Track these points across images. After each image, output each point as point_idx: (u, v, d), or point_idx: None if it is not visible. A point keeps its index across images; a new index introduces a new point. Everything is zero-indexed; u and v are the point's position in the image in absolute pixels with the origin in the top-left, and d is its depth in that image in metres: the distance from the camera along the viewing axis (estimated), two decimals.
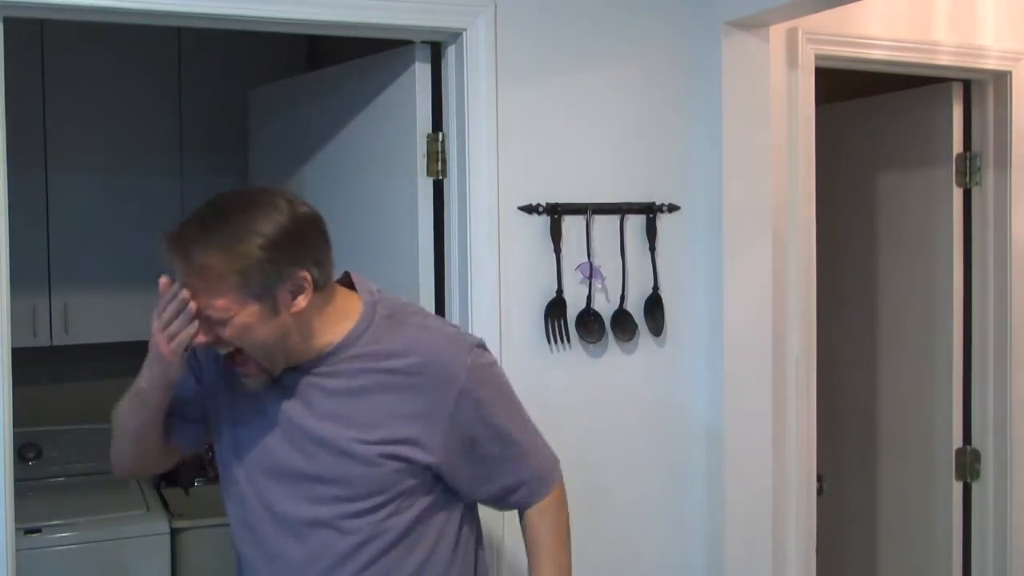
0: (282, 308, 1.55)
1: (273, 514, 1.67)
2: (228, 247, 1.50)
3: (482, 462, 1.70)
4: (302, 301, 1.57)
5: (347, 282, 1.73)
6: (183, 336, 1.54)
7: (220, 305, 1.52)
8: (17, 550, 2.13)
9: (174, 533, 3.19)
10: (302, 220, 1.57)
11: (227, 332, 1.54)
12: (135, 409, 1.68)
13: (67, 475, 3.54)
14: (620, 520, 2.48)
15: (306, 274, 1.56)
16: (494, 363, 1.77)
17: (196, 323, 1.54)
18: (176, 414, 1.76)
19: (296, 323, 1.58)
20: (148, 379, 1.62)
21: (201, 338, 1.56)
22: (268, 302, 1.53)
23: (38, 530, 3.04)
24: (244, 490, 1.71)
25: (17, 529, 2.14)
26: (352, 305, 1.67)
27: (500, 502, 1.79)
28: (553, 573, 1.77)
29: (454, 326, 1.89)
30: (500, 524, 2.23)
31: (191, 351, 1.65)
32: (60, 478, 3.53)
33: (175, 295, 1.53)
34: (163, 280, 1.54)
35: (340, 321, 1.64)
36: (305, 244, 1.57)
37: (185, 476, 3.61)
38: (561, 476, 1.83)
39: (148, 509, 3.25)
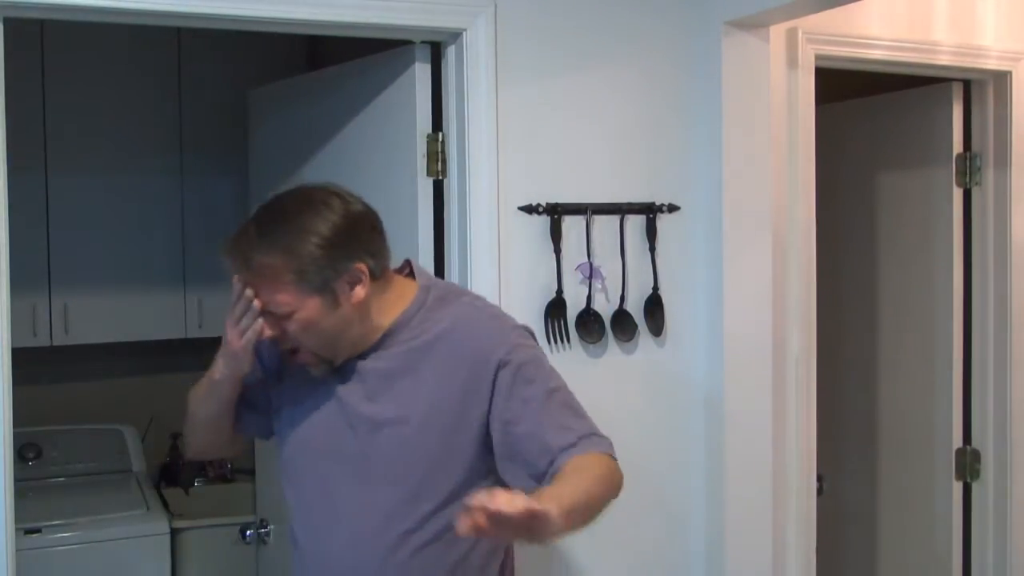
0: (342, 300, 1.62)
1: (327, 497, 1.70)
2: (286, 247, 1.58)
3: (528, 437, 1.63)
4: (360, 291, 1.63)
5: (408, 271, 1.80)
6: (251, 332, 1.64)
7: (283, 300, 1.60)
8: (17, 550, 2.13)
9: (174, 533, 3.19)
10: (355, 217, 1.64)
11: (292, 326, 1.62)
12: (207, 399, 1.78)
13: (67, 475, 3.54)
14: (620, 519, 2.47)
15: (362, 266, 1.63)
16: (536, 347, 1.77)
17: (262, 319, 1.63)
18: (243, 403, 1.83)
19: (357, 313, 1.64)
20: (220, 371, 1.73)
21: (268, 332, 1.64)
22: (328, 295, 1.61)
23: (38, 530, 3.05)
24: (301, 472, 1.75)
25: (17, 529, 2.14)
26: (408, 290, 1.73)
27: (548, 474, 1.62)
28: (575, 484, 1.53)
29: (503, 312, 1.88)
30: None
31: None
32: (60, 478, 3.53)
33: (242, 293, 1.63)
34: (236, 280, 1.64)
35: (396, 305, 1.70)
36: (359, 239, 1.63)
37: (185, 476, 3.61)
38: (617, 462, 1.67)
39: (148, 509, 3.26)
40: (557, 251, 2.37)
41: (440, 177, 2.40)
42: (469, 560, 1.69)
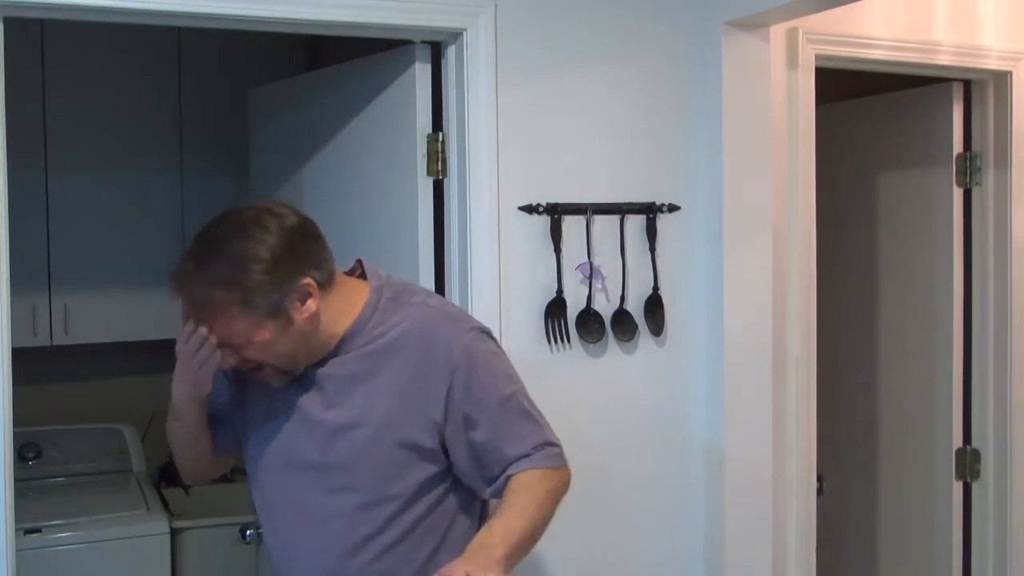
0: (295, 317, 1.60)
1: (291, 504, 1.70)
2: (228, 280, 1.56)
3: (482, 444, 1.67)
4: (312, 304, 1.62)
5: (360, 271, 1.77)
6: (209, 366, 1.63)
7: (236, 331, 1.59)
8: (17, 550, 2.12)
9: (174, 533, 3.19)
10: (292, 232, 1.62)
11: (250, 352, 1.61)
12: (177, 424, 1.77)
13: (67, 475, 3.54)
14: (619, 519, 2.48)
15: (309, 280, 1.61)
16: (495, 349, 1.76)
17: (218, 351, 1.61)
18: (218, 420, 1.82)
19: (311, 325, 1.62)
20: (180, 397, 1.72)
21: (226, 362, 1.64)
22: (281, 316, 1.59)
23: (38, 530, 3.04)
24: (266, 481, 1.75)
25: (17, 529, 2.14)
26: (359, 293, 1.70)
27: (500, 481, 1.69)
28: (522, 511, 1.60)
29: (460, 309, 1.88)
30: None
31: None
32: (60, 478, 3.53)
33: (194, 330, 1.62)
34: (184, 314, 1.64)
35: (349, 311, 1.67)
36: (300, 253, 1.61)
37: None
38: (567, 464, 1.74)
39: (148, 509, 3.25)
40: (557, 251, 2.37)
41: (440, 177, 2.40)
42: (436, 560, 1.67)
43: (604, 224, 2.42)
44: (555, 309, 2.38)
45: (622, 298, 2.44)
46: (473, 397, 1.65)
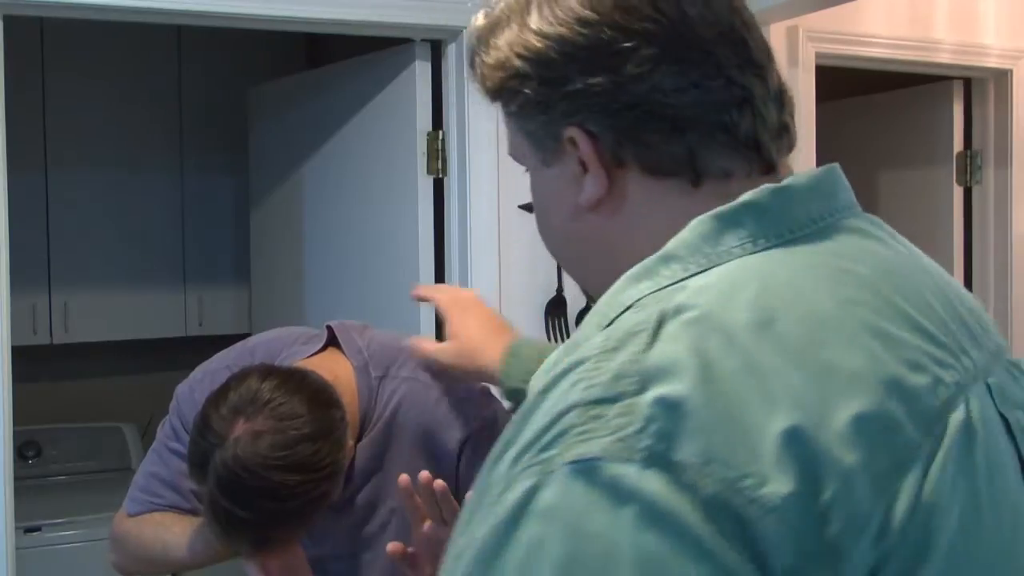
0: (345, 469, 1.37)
1: None
2: (292, 531, 1.31)
3: None
4: (349, 450, 1.38)
5: (329, 335, 1.49)
6: None
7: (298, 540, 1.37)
8: (17, 549, 2.13)
9: None
10: (319, 456, 1.29)
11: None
12: (198, 555, 1.48)
13: (67, 473, 3.54)
14: None
15: (348, 445, 1.36)
16: (490, 418, 1.48)
17: None
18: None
19: (350, 454, 1.40)
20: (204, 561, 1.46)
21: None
22: (338, 487, 1.36)
23: (38, 528, 3.05)
24: None
25: (17, 528, 2.14)
26: (346, 375, 1.43)
27: None
28: None
29: (452, 385, 1.51)
30: None
31: None
32: (60, 476, 3.53)
33: None
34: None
35: (349, 399, 1.41)
36: (337, 461, 1.31)
37: None
38: None
39: None
40: None
41: (440, 175, 2.40)
42: None
43: None
44: (555, 307, 2.38)
45: None
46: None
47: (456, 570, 0.60)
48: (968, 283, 3.01)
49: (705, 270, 0.67)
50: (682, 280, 0.66)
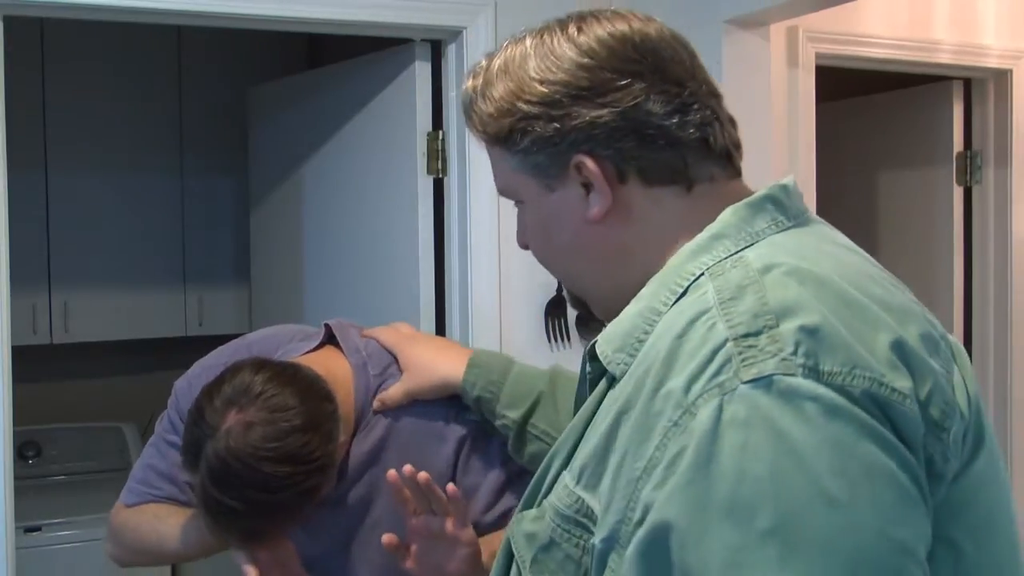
0: (337, 459, 1.38)
1: None
2: (279, 516, 1.31)
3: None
4: (341, 446, 1.40)
5: (328, 334, 1.50)
6: None
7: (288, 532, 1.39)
8: (17, 548, 2.13)
9: None
10: (310, 448, 1.30)
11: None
12: (193, 544, 1.47)
13: (67, 473, 3.54)
14: None
15: (340, 440, 1.37)
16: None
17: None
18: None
19: (342, 449, 1.40)
20: (234, 553, 1.42)
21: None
22: (330, 480, 1.37)
23: (38, 528, 3.05)
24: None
25: (17, 527, 2.14)
26: (344, 373, 1.43)
27: None
28: None
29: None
30: None
31: None
32: (60, 476, 3.53)
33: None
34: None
35: (345, 396, 1.42)
36: (328, 453, 1.33)
37: None
38: None
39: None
40: None
41: (440, 175, 2.40)
42: None
43: None
44: (555, 308, 2.38)
45: None
46: (472, 468, 1.46)
47: (653, 485, 0.75)
48: (968, 283, 3.02)
49: (750, 245, 0.85)
50: (736, 253, 0.84)
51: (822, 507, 0.70)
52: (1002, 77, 2.89)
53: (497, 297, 2.31)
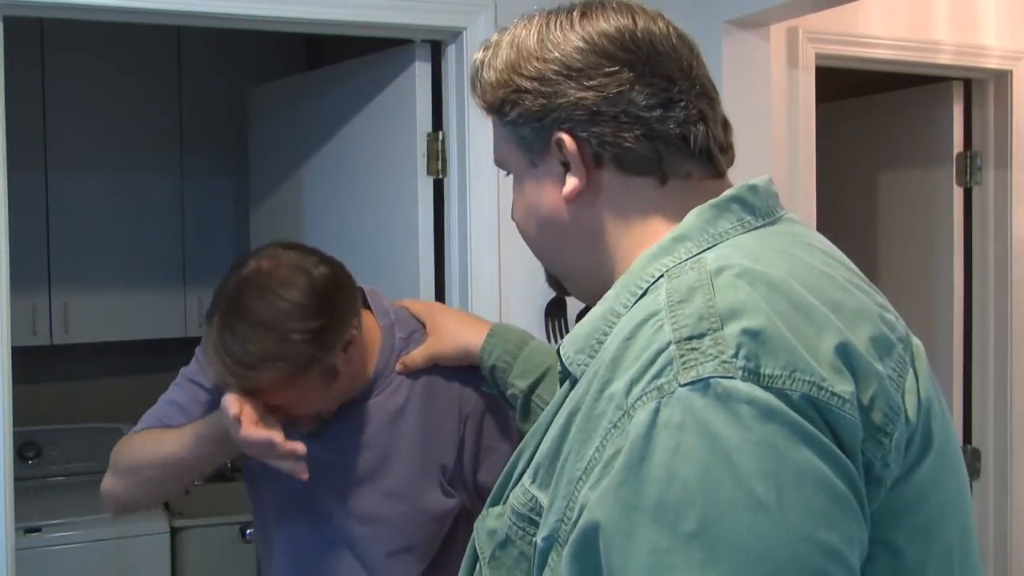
0: (341, 367, 1.46)
1: (321, 558, 1.58)
2: (276, 359, 1.38)
3: (484, 486, 1.56)
4: (354, 353, 1.49)
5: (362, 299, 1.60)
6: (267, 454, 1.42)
7: (286, 396, 1.44)
8: (17, 549, 2.13)
9: (174, 532, 3.19)
10: (324, 287, 1.42)
11: (298, 411, 1.47)
12: (189, 448, 1.51)
13: (67, 474, 3.54)
14: None
15: (352, 331, 1.47)
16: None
17: (277, 439, 1.40)
18: None
19: (352, 369, 1.50)
20: (208, 455, 1.50)
21: (281, 442, 1.42)
22: (330, 373, 1.45)
23: (38, 529, 3.05)
24: (293, 537, 1.61)
25: (17, 528, 2.14)
26: (372, 332, 1.56)
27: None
28: None
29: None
30: None
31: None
32: (60, 477, 3.53)
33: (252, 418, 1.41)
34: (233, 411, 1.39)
35: (370, 354, 1.55)
36: (338, 310, 1.44)
37: None
38: None
39: (147, 508, 3.25)
40: None
41: (440, 176, 2.40)
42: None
43: None
44: (555, 308, 2.38)
45: None
46: (485, 444, 1.57)
47: (589, 485, 0.76)
48: (968, 283, 3.02)
49: (712, 246, 0.85)
50: (697, 255, 0.84)
51: (747, 510, 0.69)
52: (1002, 78, 2.89)
53: (497, 298, 2.31)
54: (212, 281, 1.71)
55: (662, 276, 0.84)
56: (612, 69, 0.90)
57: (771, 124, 2.49)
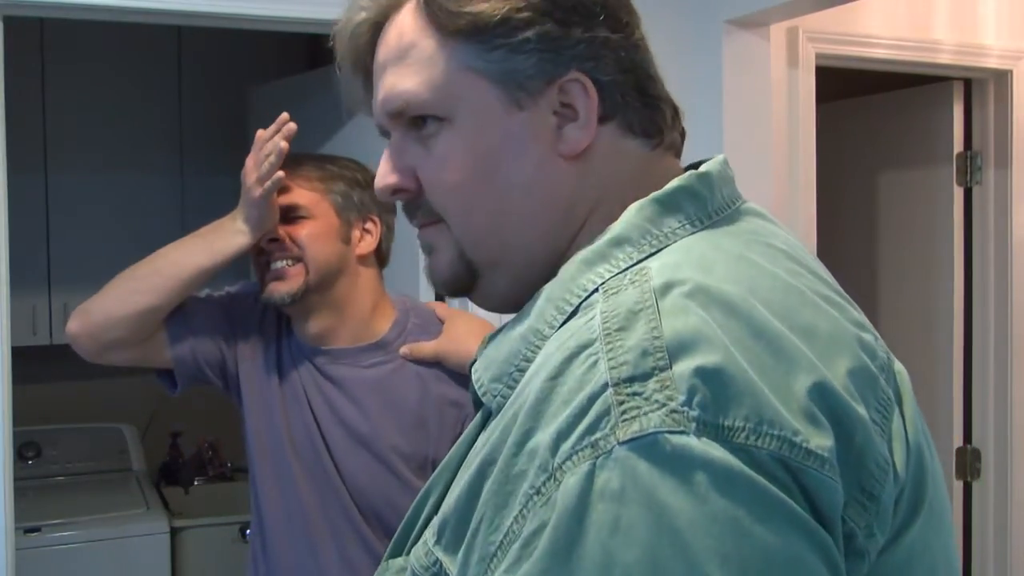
0: (353, 239, 1.65)
1: (288, 501, 1.63)
2: (330, 167, 1.71)
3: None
4: (370, 242, 1.66)
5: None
6: (271, 183, 1.66)
7: (305, 200, 1.65)
8: (17, 549, 2.13)
9: (174, 532, 3.19)
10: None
11: (301, 231, 1.63)
12: (192, 251, 1.83)
13: (67, 474, 3.54)
14: None
15: (376, 219, 1.67)
16: None
17: (280, 172, 1.66)
18: (189, 330, 1.79)
19: (352, 267, 1.65)
20: (241, 221, 1.75)
21: (276, 226, 1.66)
22: (344, 224, 1.64)
23: (38, 529, 3.04)
24: (283, 481, 1.66)
25: (17, 528, 2.14)
26: (388, 308, 1.71)
27: None
28: None
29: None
30: None
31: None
32: (60, 477, 3.53)
33: (274, 141, 1.73)
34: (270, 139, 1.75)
35: (379, 319, 1.68)
36: (375, 200, 1.64)
37: (184, 475, 3.61)
38: None
39: (148, 508, 3.25)
40: None
41: None
42: None
43: None
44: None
45: None
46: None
47: (506, 567, 0.60)
48: (968, 283, 3.02)
49: (656, 252, 0.70)
50: (639, 262, 0.69)
51: None
52: (1002, 77, 2.89)
53: None
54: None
55: (597, 290, 0.68)
56: (631, 19, 0.77)
57: (771, 124, 2.49)
